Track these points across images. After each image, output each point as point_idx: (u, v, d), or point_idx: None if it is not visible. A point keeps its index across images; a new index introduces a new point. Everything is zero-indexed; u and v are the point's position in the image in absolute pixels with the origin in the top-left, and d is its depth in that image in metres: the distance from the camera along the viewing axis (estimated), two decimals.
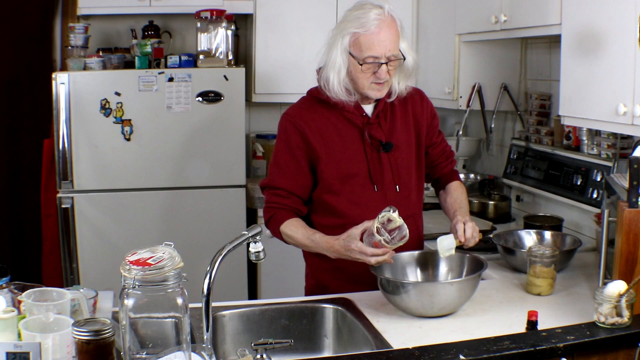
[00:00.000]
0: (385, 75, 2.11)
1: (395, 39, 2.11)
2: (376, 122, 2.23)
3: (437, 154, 2.38)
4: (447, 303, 1.93)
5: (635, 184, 1.93)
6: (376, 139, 2.22)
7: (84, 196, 3.55)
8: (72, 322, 1.45)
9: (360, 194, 2.22)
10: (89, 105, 3.50)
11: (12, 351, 1.35)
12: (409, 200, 2.27)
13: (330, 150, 2.21)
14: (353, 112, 2.21)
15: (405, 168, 2.26)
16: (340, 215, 2.21)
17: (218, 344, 1.98)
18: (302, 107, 2.28)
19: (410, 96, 2.29)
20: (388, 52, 2.09)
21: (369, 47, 2.08)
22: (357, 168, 2.21)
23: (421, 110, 2.32)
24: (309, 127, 2.21)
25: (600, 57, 2.21)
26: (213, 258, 1.69)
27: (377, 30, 2.08)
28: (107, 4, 3.68)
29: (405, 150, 2.26)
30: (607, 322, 1.81)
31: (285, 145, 2.24)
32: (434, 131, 2.37)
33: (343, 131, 2.22)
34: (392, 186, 2.24)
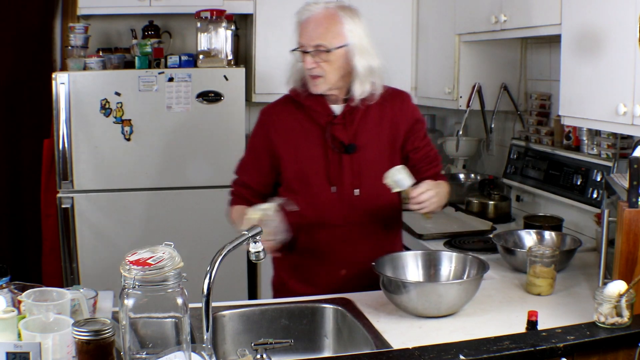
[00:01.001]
0: (310, 65, 2.14)
1: (324, 32, 2.14)
2: (341, 123, 2.21)
3: (418, 159, 2.33)
4: (448, 304, 1.93)
5: (635, 184, 1.93)
6: (338, 140, 2.21)
7: (84, 196, 3.55)
8: (72, 322, 1.45)
9: (317, 194, 2.22)
10: (89, 105, 3.50)
11: (12, 351, 1.35)
12: (372, 205, 2.24)
13: (292, 149, 2.23)
14: (319, 112, 2.23)
15: (369, 172, 2.22)
16: (299, 215, 2.19)
17: (218, 344, 1.98)
18: (276, 104, 2.34)
19: (390, 99, 2.27)
20: (312, 41, 2.13)
21: (300, 35, 2.19)
22: (315, 168, 2.22)
23: (400, 114, 2.28)
24: (275, 125, 2.26)
25: (600, 57, 2.21)
26: (213, 258, 1.69)
27: (306, 19, 2.17)
28: (107, 4, 3.68)
29: (371, 153, 2.23)
30: (607, 322, 1.81)
31: (252, 140, 2.34)
32: (417, 136, 2.32)
33: (308, 130, 2.23)
34: (351, 189, 2.22)
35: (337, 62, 2.16)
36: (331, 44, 2.14)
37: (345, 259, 2.26)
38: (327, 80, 2.17)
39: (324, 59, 2.14)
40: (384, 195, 2.23)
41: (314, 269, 2.26)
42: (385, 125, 2.26)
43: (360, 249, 2.25)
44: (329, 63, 2.14)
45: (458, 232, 3.06)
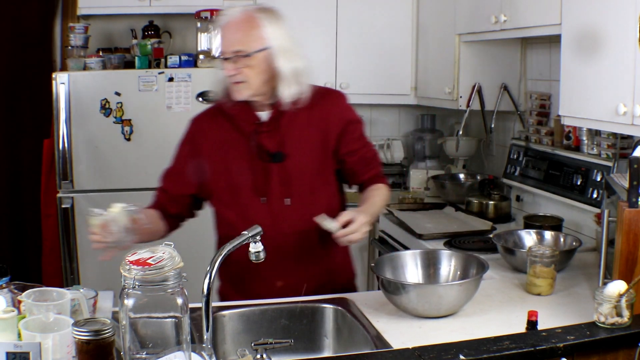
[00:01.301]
0: (231, 72, 2.05)
1: (243, 37, 2.05)
2: (267, 130, 2.13)
3: (354, 162, 2.23)
4: (448, 304, 1.93)
5: (635, 184, 1.93)
6: (264, 149, 2.13)
7: (84, 196, 3.55)
8: (72, 322, 1.45)
9: (247, 206, 2.15)
10: (89, 105, 3.50)
11: (12, 351, 1.35)
12: (304, 213, 2.13)
13: (221, 160, 2.16)
14: (244, 120, 2.15)
15: (299, 180, 2.15)
16: (232, 228, 2.09)
17: (218, 344, 1.98)
18: (205, 114, 2.27)
19: (320, 100, 2.17)
20: (231, 47, 2.05)
21: (220, 42, 2.09)
22: (243, 179, 2.15)
23: (330, 117, 2.19)
24: (205, 135, 2.20)
25: (600, 57, 2.21)
26: (213, 258, 1.69)
27: (225, 25, 2.09)
28: (107, 4, 3.68)
29: (301, 161, 2.15)
30: (607, 322, 1.81)
31: (181, 150, 2.25)
32: (351, 138, 2.22)
33: (235, 140, 2.16)
34: (280, 199, 2.14)
35: (258, 66, 2.06)
36: (250, 48, 2.05)
37: (281, 270, 2.16)
38: (250, 85, 2.07)
39: (245, 64, 2.05)
40: (317, 203, 2.17)
41: (250, 281, 2.17)
42: (314, 129, 2.16)
43: (295, 260, 2.17)
44: (250, 68, 2.05)
45: (458, 232, 3.06)
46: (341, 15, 3.90)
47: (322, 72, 3.92)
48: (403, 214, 3.41)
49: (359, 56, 3.93)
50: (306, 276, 2.18)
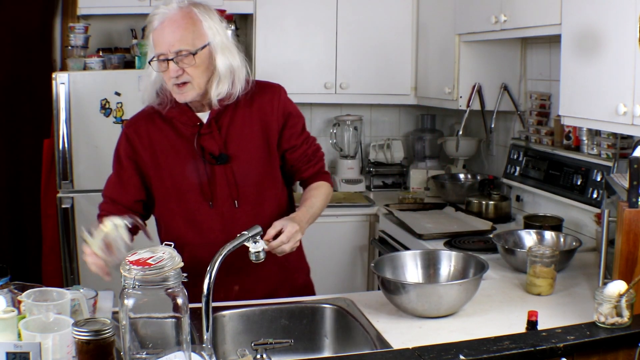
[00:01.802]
0: (175, 72, 1.94)
1: (183, 34, 1.94)
2: (208, 132, 2.05)
3: (295, 158, 2.17)
4: (448, 304, 1.93)
5: (635, 184, 1.93)
6: (208, 151, 2.05)
7: (84, 196, 3.55)
8: (72, 322, 1.45)
9: (195, 211, 2.07)
10: (89, 105, 3.50)
11: (12, 351, 1.35)
12: (254, 214, 2.07)
13: (162, 165, 2.07)
14: (185, 123, 2.06)
15: (246, 181, 2.08)
16: (177, 235, 2.01)
17: (218, 344, 1.98)
18: (139, 117, 2.16)
19: (259, 95, 2.10)
20: (173, 47, 1.93)
21: (156, 44, 1.96)
22: (189, 183, 2.06)
23: (270, 112, 2.11)
24: (141, 140, 2.09)
25: (600, 57, 2.21)
26: (213, 258, 1.69)
27: (160, 26, 1.95)
28: (107, 4, 3.68)
29: (246, 161, 2.08)
30: (607, 322, 1.81)
31: (116, 155, 2.16)
32: (292, 132, 2.15)
33: (176, 144, 2.07)
34: (229, 202, 2.07)
35: (202, 64, 1.98)
36: (194, 46, 1.95)
37: (235, 274, 2.07)
38: (195, 85, 1.98)
39: (189, 63, 1.95)
40: (265, 202, 2.12)
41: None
42: (255, 125, 2.10)
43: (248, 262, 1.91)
44: (195, 67, 1.96)
45: (458, 232, 3.06)
46: (341, 15, 3.90)
47: (322, 72, 3.92)
48: (403, 214, 3.41)
49: (359, 56, 3.93)
50: (262, 277, 2.12)
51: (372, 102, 4.16)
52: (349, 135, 4.22)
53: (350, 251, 3.76)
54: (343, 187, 4.10)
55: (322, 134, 4.27)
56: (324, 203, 2.18)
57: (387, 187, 4.23)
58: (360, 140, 4.25)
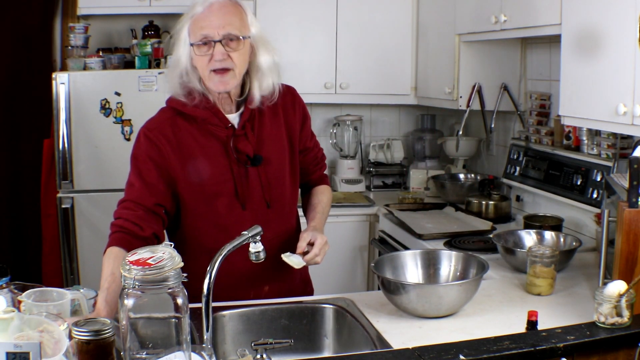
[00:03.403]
0: (221, 56, 1.88)
1: (233, 19, 1.90)
2: (242, 134, 2.02)
3: (308, 161, 2.20)
4: (448, 304, 1.93)
5: (635, 184, 1.93)
6: (243, 153, 2.02)
7: (84, 196, 3.55)
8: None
9: (226, 215, 2.02)
10: (89, 105, 3.50)
11: (12, 351, 1.35)
12: (283, 216, 2.09)
13: (191, 167, 1.99)
14: (216, 125, 2.00)
15: (277, 182, 2.07)
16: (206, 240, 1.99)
17: (218, 344, 1.98)
18: (161, 120, 2.03)
19: (281, 97, 2.08)
20: (222, 29, 1.88)
21: (201, 27, 1.90)
22: (222, 186, 2.01)
23: (293, 114, 2.12)
24: (169, 142, 1.98)
25: (600, 57, 2.21)
26: (213, 258, 1.69)
27: (207, 8, 1.91)
28: (107, 4, 3.68)
29: (276, 162, 2.07)
30: (607, 322, 1.81)
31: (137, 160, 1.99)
32: (307, 135, 2.17)
33: (206, 146, 2.00)
34: (262, 204, 2.05)
35: (246, 53, 1.95)
36: (241, 32, 1.92)
37: (267, 275, 2.08)
38: (237, 73, 1.94)
39: (235, 48, 1.90)
40: (291, 200, 2.14)
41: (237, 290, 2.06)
42: (282, 127, 2.09)
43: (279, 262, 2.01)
44: (240, 54, 1.91)
45: (458, 232, 3.06)
46: (341, 15, 3.90)
47: (322, 72, 3.92)
48: (403, 214, 3.41)
49: (359, 56, 3.93)
50: (290, 278, 2.16)
51: (372, 102, 4.16)
52: (349, 135, 4.22)
53: (350, 251, 3.76)
54: (343, 187, 4.10)
55: (322, 134, 4.27)
56: (329, 208, 2.25)
57: (387, 187, 4.23)
58: (360, 140, 4.26)
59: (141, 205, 1.95)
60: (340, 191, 4.05)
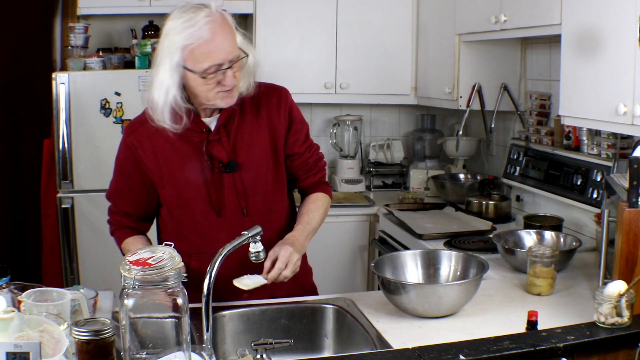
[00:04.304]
0: (232, 81, 1.87)
1: (232, 39, 1.87)
2: (217, 139, 1.97)
3: (295, 166, 2.11)
4: (448, 304, 1.93)
5: (635, 184, 1.93)
6: (216, 159, 1.97)
7: (84, 196, 3.55)
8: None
9: (202, 221, 2.01)
10: (89, 105, 3.50)
11: (12, 351, 1.35)
12: (263, 222, 1.91)
13: (166, 172, 1.99)
14: (192, 128, 1.95)
15: (255, 189, 2.02)
16: (187, 243, 1.99)
17: (218, 344, 1.98)
18: (139, 123, 2.03)
19: (265, 99, 2.04)
20: (229, 55, 1.85)
21: (208, 56, 1.83)
22: (195, 192, 1.99)
23: (277, 116, 2.04)
24: (143, 147, 1.99)
25: (600, 57, 2.21)
26: (213, 258, 1.69)
27: (211, 35, 1.82)
28: (107, 4, 3.68)
29: (255, 169, 2.01)
30: (607, 322, 1.81)
31: (119, 164, 2.08)
32: (296, 139, 2.09)
33: (181, 150, 1.97)
34: (238, 211, 2.01)
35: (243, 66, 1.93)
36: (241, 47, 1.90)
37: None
38: (238, 87, 1.94)
39: (239, 67, 1.90)
40: (274, 211, 2.08)
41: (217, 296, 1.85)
42: (263, 131, 2.03)
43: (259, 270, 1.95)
44: (241, 69, 1.91)
45: (458, 232, 3.06)
46: (341, 15, 3.90)
47: (322, 72, 3.92)
48: (403, 214, 3.41)
49: (359, 56, 3.93)
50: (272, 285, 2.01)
51: (372, 102, 4.16)
52: (349, 135, 4.22)
53: (350, 251, 3.76)
54: (343, 187, 4.10)
55: (322, 134, 4.27)
56: (323, 216, 2.13)
57: (387, 187, 4.23)
58: (360, 140, 4.26)
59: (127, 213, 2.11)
60: (340, 191, 4.05)
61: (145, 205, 2.10)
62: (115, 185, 2.11)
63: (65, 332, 1.45)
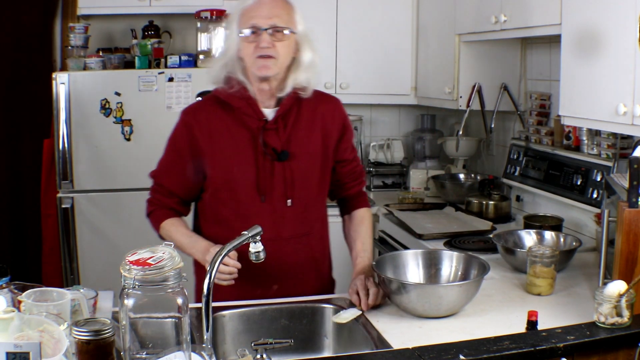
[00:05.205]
0: (266, 43, 1.98)
1: (281, 12, 2.02)
2: (274, 128, 2.07)
3: (345, 173, 2.22)
4: (448, 305, 1.93)
5: (635, 184, 1.93)
6: (270, 147, 2.07)
7: (84, 196, 3.55)
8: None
9: (246, 204, 2.07)
10: (89, 105, 3.50)
11: (12, 351, 1.35)
12: (303, 216, 2.12)
13: (218, 153, 2.07)
14: (250, 115, 2.07)
15: (302, 181, 2.10)
16: (225, 226, 2.08)
17: (218, 344, 1.98)
18: (199, 105, 2.20)
19: (322, 103, 2.17)
20: (270, 20, 1.99)
21: (250, 16, 2.01)
22: (244, 176, 2.07)
23: (332, 120, 2.16)
24: (200, 126, 2.09)
25: (600, 57, 2.21)
26: (213, 258, 1.69)
27: (257, 2, 2.02)
28: (107, 4, 3.68)
29: (305, 161, 2.10)
30: (607, 322, 1.81)
31: (173, 143, 2.16)
32: (346, 147, 2.20)
33: (236, 135, 2.08)
34: (282, 199, 2.08)
35: (290, 46, 2.04)
36: (287, 25, 2.02)
37: (277, 273, 2.11)
38: (279, 63, 2.02)
39: (281, 38, 2.00)
40: (316, 205, 2.16)
41: (245, 284, 2.05)
42: (317, 131, 2.13)
43: (292, 263, 2.12)
44: (283, 45, 2.01)
45: (458, 232, 3.06)
46: (341, 15, 3.90)
47: (322, 72, 3.90)
48: (403, 214, 3.41)
49: (359, 56, 3.93)
50: (301, 281, 2.16)
51: (372, 102, 4.16)
52: None
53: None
54: None
55: None
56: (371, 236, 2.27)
57: (387, 187, 4.23)
58: (360, 140, 4.25)
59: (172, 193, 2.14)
60: None
61: (190, 186, 2.14)
62: (165, 163, 2.17)
63: (65, 332, 1.45)
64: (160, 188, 2.17)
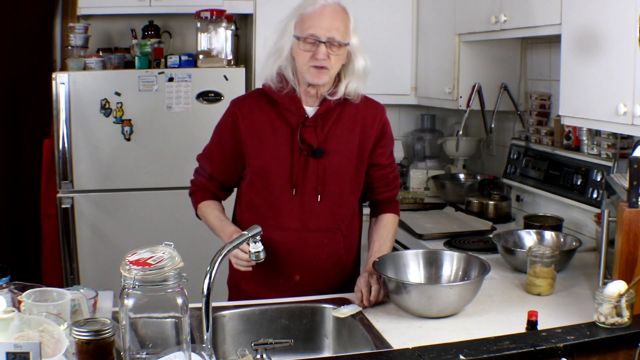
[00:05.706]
0: (323, 56, 2.06)
1: (339, 26, 2.08)
2: (312, 125, 2.16)
3: (377, 177, 2.28)
4: (448, 305, 1.93)
5: (635, 184, 1.93)
6: (307, 143, 2.15)
7: (84, 196, 3.55)
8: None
9: (278, 195, 2.17)
10: (89, 105, 3.50)
11: (12, 351, 1.35)
12: (332, 213, 2.19)
13: (257, 144, 2.17)
14: (292, 111, 2.16)
15: (334, 178, 2.17)
16: (255, 213, 2.19)
17: (218, 344, 1.98)
18: (246, 97, 2.34)
19: (364, 107, 2.23)
20: (329, 32, 2.06)
21: (310, 25, 2.07)
22: (279, 168, 2.16)
23: (371, 125, 2.23)
24: (245, 117, 2.19)
25: (600, 57, 2.21)
26: (213, 258, 1.69)
27: (320, 10, 2.08)
28: (107, 4, 3.68)
29: (339, 160, 2.18)
30: (607, 322, 1.81)
31: (218, 131, 2.27)
32: (383, 152, 2.27)
33: (277, 128, 2.17)
34: (313, 194, 2.16)
35: (342, 58, 2.13)
36: (344, 39, 2.09)
37: (300, 264, 2.19)
38: (330, 73, 2.11)
39: (336, 52, 2.08)
40: (346, 203, 2.22)
41: (268, 271, 2.17)
42: (356, 132, 2.20)
43: (316, 256, 2.20)
44: (337, 58, 2.10)
45: (458, 232, 3.06)
46: None
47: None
48: (403, 214, 3.39)
49: None
50: (324, 275, 2.21)
51: None
52: None
53: None
54: None
55: None
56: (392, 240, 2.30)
57: None
58: None
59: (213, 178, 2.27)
60: None
61: (230, 172, 2.26)
62: (210, 148, 2.30)
63: (65, 332, 1.45)
64: (203, 171, 2.30)
